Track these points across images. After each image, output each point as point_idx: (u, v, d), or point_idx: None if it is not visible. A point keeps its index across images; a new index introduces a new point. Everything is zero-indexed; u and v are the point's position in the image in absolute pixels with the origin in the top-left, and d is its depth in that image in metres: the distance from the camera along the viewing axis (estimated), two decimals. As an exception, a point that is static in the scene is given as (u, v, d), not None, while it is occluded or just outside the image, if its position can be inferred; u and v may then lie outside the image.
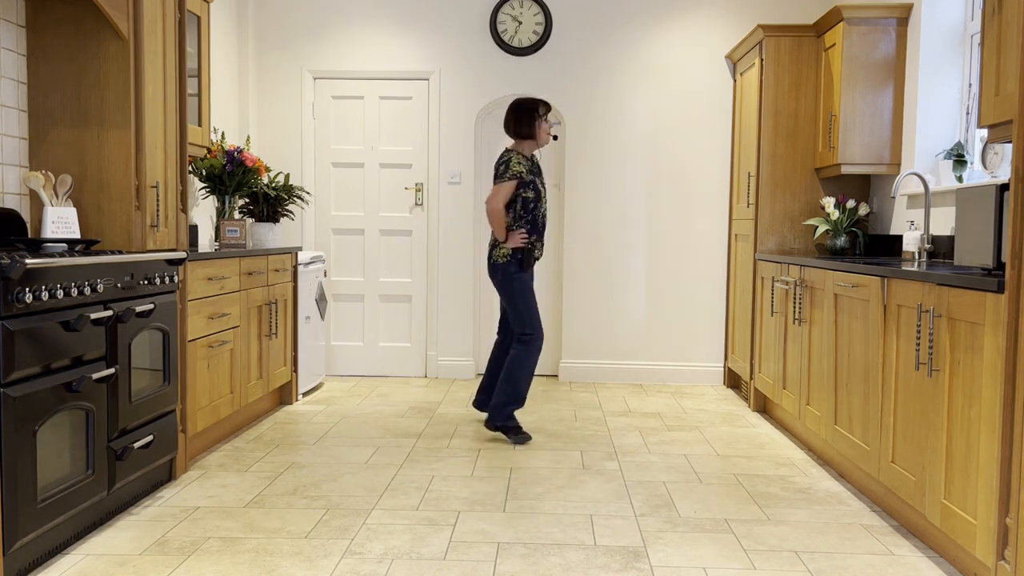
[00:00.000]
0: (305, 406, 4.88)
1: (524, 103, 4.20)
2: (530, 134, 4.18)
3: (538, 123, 4.17)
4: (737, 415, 4.81)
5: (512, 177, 4.09)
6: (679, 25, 5.66)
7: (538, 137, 4.20)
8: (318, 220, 5.87)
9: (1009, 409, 2.30)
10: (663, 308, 5.75)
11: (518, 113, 4.19)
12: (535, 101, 4.19)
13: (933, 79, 4.29)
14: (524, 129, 4.17)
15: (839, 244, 4.75)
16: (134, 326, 3.03)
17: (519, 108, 4.19)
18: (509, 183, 4.09)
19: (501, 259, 4.16)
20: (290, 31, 5.77)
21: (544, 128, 4.20)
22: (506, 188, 4.09)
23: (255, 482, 3.44)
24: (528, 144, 4.21)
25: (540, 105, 4.18)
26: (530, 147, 4.22)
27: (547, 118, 4.21)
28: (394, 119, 5.81)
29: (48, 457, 2.53)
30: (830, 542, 2.86)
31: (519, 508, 3.17)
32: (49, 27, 3.22)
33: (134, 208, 3.23)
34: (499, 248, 4.16)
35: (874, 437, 3.16)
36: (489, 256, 4.24)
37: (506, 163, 4.12)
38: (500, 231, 4.14)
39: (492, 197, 4.11)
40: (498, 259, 4.17)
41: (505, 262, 4.15)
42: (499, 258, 4.16)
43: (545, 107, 4.20)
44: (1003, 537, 2.32)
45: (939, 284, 2.66)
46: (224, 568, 2.58)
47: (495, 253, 4.19)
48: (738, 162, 5.50)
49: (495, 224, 4.13)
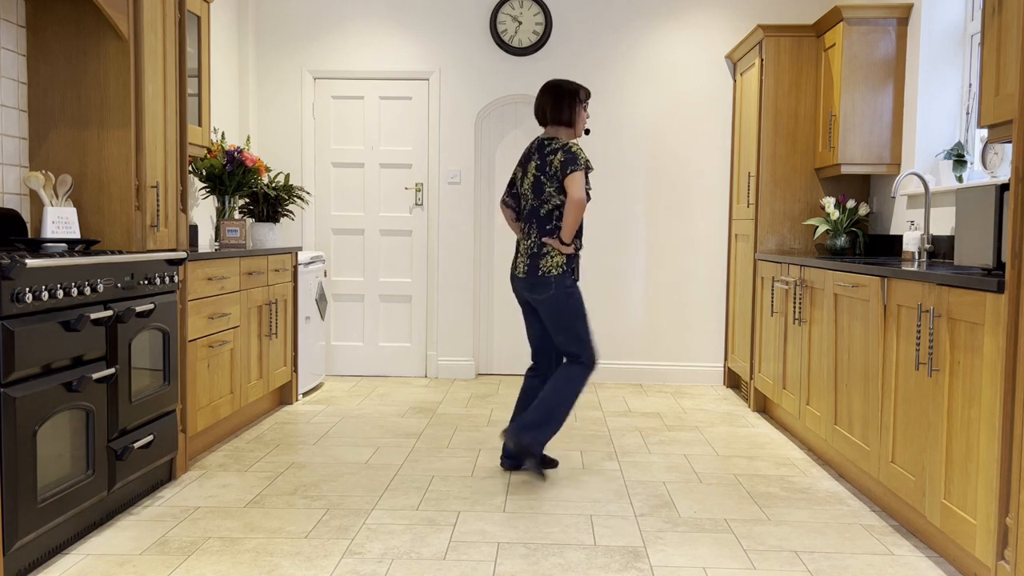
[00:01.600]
0: (305, 406, 4.88)
1: (564, 84, 3.54)
2: (570, 121, 3.54)
3: (579, 108, 3.54)
4: (737, 415, 4.81)
5: (584, 165, 3.40)
6: (679, 25, 5.66)
7: (577, 126, 3.56)
8: (318, 220, 5.87)
9: (1009, 409, 2.30)
10: (663, 308, 5.75)
11: (557, 96, 3.53)
12: (576, 84, 3.55)
13: (933, 79, 4.29)
14: (565, 115, 3.52)
15: (839, 244, 4.75)
16: (134, 326, 3.03)
17: (558, 90, 3.53)
18: (582, 171, 3.39)
19: (555, 270, 3.43)
20: (290, 31, 5.77)
21: (583, 117, 3.57)
22: (583, 177, 3.39)
23: (255, 482, 3.44)
24: (565, 132, 3.56)
25: (581, 89, 3.55)
26: (567, 136, 3.57)
27: (587, 105, 3.60)
28: (394, 119, 5.81)
29: (48, 457, 2.53)
30: (830, 542, 2.86)
31: (519, 508, 3.17)
32: (49, 27, 3.22)
33: (134, 208, 3.23)
34: (551, 257, 3.45)
35: (874, 437, 3.16)
36: (531, 267, 3.48)
37: (566, 148, 3.41)
38: (572, 230, 3.41)
39: (575, 187, 3.35)
40: (550, 271, 3.44)
41: (560, 273, 3.44)
42: (552, 269, 3.44)
43: (586, 92, 3.57)
44: (1003, 537, 2.32)
45: (939, 284, 2.66)
46: (224, 568, 2.58)
47: (545, 263, 3.45)
48: (738, 162, 5.50)
49: (575, 220, 3.38)
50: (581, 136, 3.62)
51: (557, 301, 3.46)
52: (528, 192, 3.54)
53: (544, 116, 3.58)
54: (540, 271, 3.46)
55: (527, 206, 3.56)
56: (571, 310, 3.47)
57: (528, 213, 3.56)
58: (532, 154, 3.56)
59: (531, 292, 3.51)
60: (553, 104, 3.54)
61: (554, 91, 3.55)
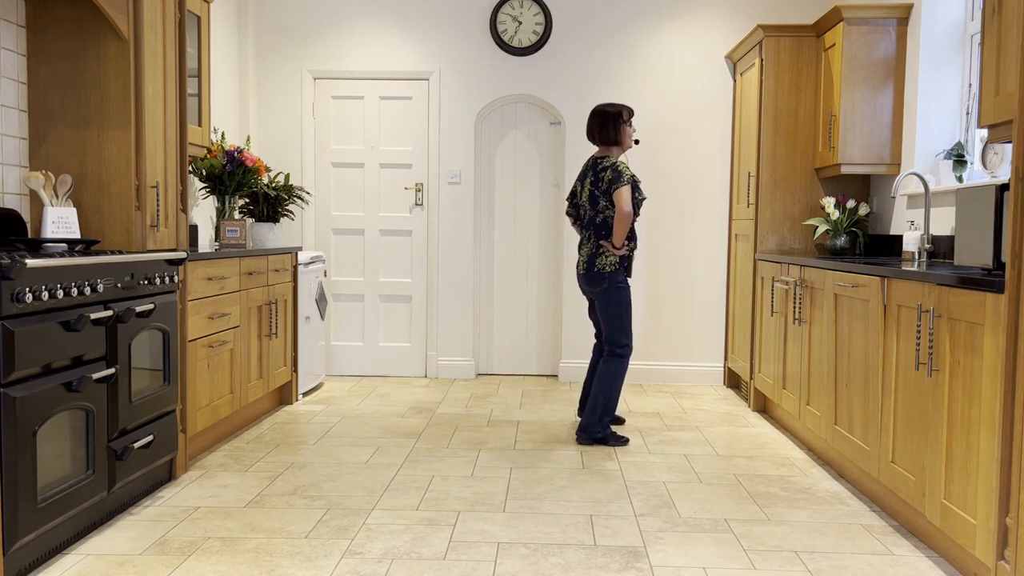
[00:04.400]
0: (305, 406, 4.88)
1: (608, 109, 4.15)
2: (617, 140, 4.15)
3: (623, 128, 4.14)
4: (737, 415, 4.81)
5: (628, 181, 4.01)
6: (679, 25, 5.66)
7: (623, 143, 4.17)
8: (318, 220, 5.87)
9: (1009, 409, 2.30)
10: (663, 308, 5.75)
11: (603, 120, 4.15)
12: (618, 106, 4.16)
13: (933, 79, 4.29)
14: (611, 136, 4.14)
15: (839, 244, 4.75)
16: (134, 326, 3.03)
17: (604, 115, 4.15)
18: (627, 186, 4.00)
19: (608, 268, 4.07)
20: (290, 31, 5.77)
21: (629, 133, 4.17)
22: (628, 192, 4.00)
23: (255, 482, 3.44)
24: (616, 150, 4.18)
25: (624, 110, 4.15)
26: (617, 153, 4.18)
27: (630, 122, 4.19)
28: (394, 119, 5.81)
29: (48, 457, 2.53)
30: (830, 542, 2.86)
31: (519, 508, 3.17)
32: (49, 27, 3.22)
33: (134, 208, 3.23)
34: (605, 256, 4.08)
35: (874, 437, 3.16)
36: (589, 264, 4.11)
37: (614, 167, 4.03)
38: (622, 236, 4.02)
39: (622, 201, 3.97)
40: (604, 268, 4.08)
41: (613, 271, 4.07)
42: (606, 267, 4.07)
43: (628, 112, 4.18)
44: (1003, 537, 2.32)
45: (939, 284, 2.66)
46: (224, 568, 2.58)
47: (600, 261, 4.08)
48: (738, 162, 5.50)
49: (624, 229, 4.01)
50: (631, 148, 4.33)
51: (607, 294, 4.10)
52: (586, 203, 4.18)
53: (594, 137, 4.21)
54: (596, 268, 4.11)
55: (585, 215, 4.20)
56: (621, 303, 4.11)
57: (587, 221, 4.18)
58: (588, 171, 4.19)
59: (589, 285, 4.15)
60: (600, 127, 4.17)
61: (600, 116, 4.17)
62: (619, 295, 4.09)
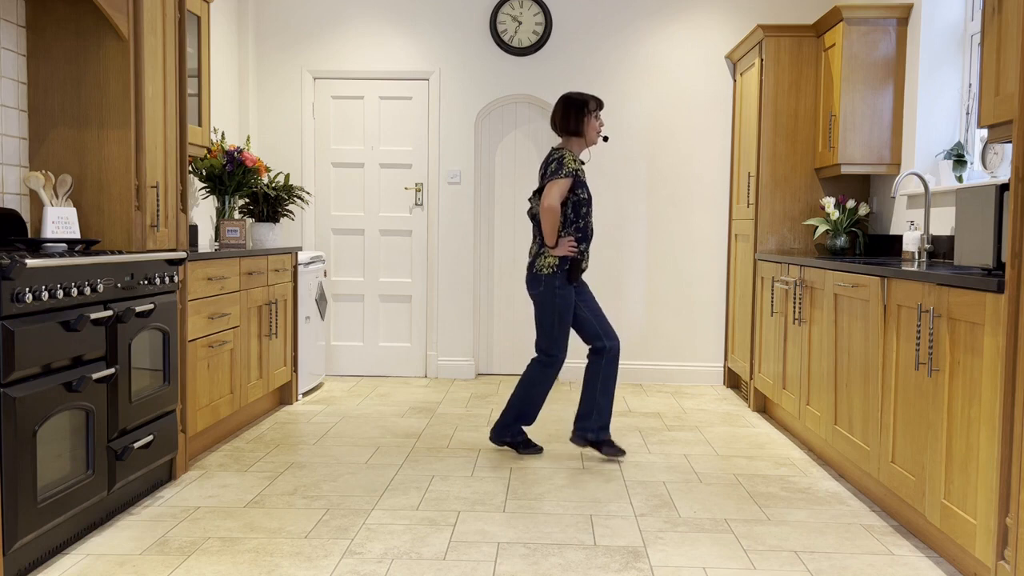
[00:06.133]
0: (305, 406, 4.88)
1: (573, 97, 3.85)
2: (578, 131, 3.82)
3: (587, 119, 3.82)
4: (737, 415, 4.81)
5: (568, 174, 3.70)
6: (679, 25, 5.66)
7: (587, 135, 3.83)
8: (318, 220, 5.87)
9: (1009, 409, 2.30)
10: (663, 308, 5.75)
11: (566, 107, 3.83)
12: (586, 95, 3.85)
13: (933, 79, 4.29)
14: (572, 125, 3.82)
15: (839, 244, 4.75)
16: (134, 326, 3.03)
17: (567, 102, 3.84)
18: (565, 180, 3.70)
19: (546, 270, 3.76)
20: (290, 31, 5.77)
21: (594, 125, 3.84)
22: (562, 185, 3.69)
23: (255, 482, 3.44)
24: (576, 142, 3.86)
25: (591, 100, 3.84)
26: (579, 145, 3.86)
27: (598, 115, 3.86)
28: (394, 119, 5.81)
29: (48, 457, 2.53)
30: (830, 542, 2.86)
31: (519, 508, 3.17)
32: (49, 27, 3.22)
33: (134, 208, 3.23)
34: (544, 257, 3.77)
35: (874, 437, 3.16)
36: (531, 266, 3.82)
37: (559, 160, 3.74)
38: (552, 235, 3.71)
39: (547, 195, 3.69)
40: (542, 269, 3.77)
41: (550, 273, 3.75)
42: (543, 268, 3.76)
43: (596, 103, 3.85)
44: (1003, 537, 2.32)
45: (939, 284, 2.66)
46: (224, 568, 2.58)
47: (539, 263, 3.78)
48: (738, 162, 5.50)
49: (549, 226, 3.70)
50: (595, 144, 3.92)
51: (542, 298, 3.80)
52: (534, 198, 3.89)
53: (555, 125, 3.89)
54: (534, 269, 3.82)
55: (533, 209, 3.89)
56: (552, 309, 3.79)
57: (533, 217, 3.89)
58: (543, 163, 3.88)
59: (528, 288, 3.86)
60: (561, 114, 3.85)
61: (563, 103, 3.86)
62: (553, 299, 3.77)
